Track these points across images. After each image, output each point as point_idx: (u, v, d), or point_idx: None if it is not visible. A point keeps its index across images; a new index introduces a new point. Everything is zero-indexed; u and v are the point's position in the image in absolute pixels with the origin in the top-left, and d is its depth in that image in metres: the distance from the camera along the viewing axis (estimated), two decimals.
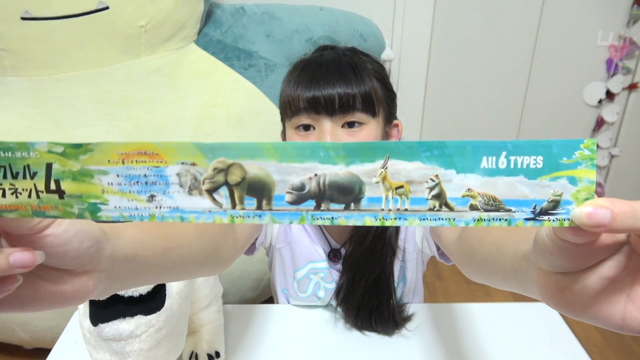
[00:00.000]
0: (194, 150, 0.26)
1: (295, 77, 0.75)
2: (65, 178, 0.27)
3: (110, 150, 0.26)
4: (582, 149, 0.25)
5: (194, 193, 0.27)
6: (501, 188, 0.26)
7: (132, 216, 0.27)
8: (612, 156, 2.21)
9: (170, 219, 0.27)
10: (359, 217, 0.26)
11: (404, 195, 0.26)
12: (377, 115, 0.75)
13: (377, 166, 0.26)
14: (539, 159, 0.25)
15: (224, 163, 0.26)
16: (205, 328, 0.77)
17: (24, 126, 1.30)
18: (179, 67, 1.47)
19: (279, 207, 0.26)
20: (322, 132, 0.72)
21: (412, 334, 0.81)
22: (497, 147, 0.25)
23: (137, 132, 1.34)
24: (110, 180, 0.27)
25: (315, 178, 0.26)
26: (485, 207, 0.26)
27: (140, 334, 0.58)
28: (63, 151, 0.26)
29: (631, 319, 0.28)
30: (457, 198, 0.26)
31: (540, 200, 0.26)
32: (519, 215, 0.26)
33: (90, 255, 0.31)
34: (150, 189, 0.27)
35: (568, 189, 0.26)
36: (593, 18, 2.00)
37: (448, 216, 0.26)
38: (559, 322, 0.84)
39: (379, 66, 0.79)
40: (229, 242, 0.60)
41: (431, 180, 0.26)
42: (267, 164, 0.26)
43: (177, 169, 0.26)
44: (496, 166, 0.25)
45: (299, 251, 0.87)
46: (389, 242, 0.82)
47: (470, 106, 2.17)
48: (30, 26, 1.30)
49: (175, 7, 1.42)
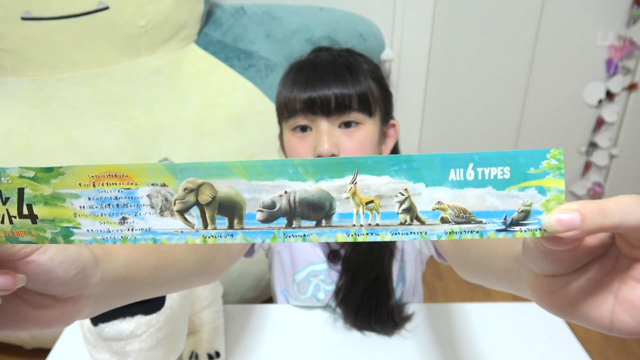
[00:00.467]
0: (163, 171, 0.26)
1: (291, 79, 0.75)
2: (38, 202, 0.27)
3: (81, 173, 0.26)
4: (549, 159, 0.25)
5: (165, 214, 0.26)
6: (471, 200, 0.26)
7: (105, 239, 0.27)
8: (612, 156, 2.21)
9: (142, 241, 0.27)
10: (331, 233, 0.26)
11: (374, 210, 0.26)
12: (374, 115, 0.75)
13: (346, 182, 0.26)
14: (506, 170, 0.25)
15: (194, 183, 0.26)
16: (205, 328, 0.77)
17: (24, 126, 1.30)
18: (179, 67, 1.47)
19: (251, 225, 0.26)
20: (319, 132, 0.73)
21: (411, 334, 0.81)
22: (464, 159, 0.25)
23: (137, 132, 1.34)
24: (82, 204, 0.27)
25: (286, 195, 0.26)
26: (456, 219, 0.26)
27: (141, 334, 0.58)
28: (34, 175, 0.26)
29: (619, 321, 0.28)
30: (427, 211, 0.26)
31: (511, 210, 0.26)
32: (490, 227, 0.26)
33: (76, 283, 0.30)
34: (121, 211, 0.27)
35: (537, 199, 0.26)
36: (593, 18, 2.00)
37: (420, 230, 0.26)
38: (559, 322, 0.84)
39: (375, 66, 0.79)
40: (222, 253, 0.60)
41: (400, 194, 0.26)
42: (237, 182, 0.26)
43: (148, 191, 0.26)
44: (464, 178, 0.26)
45: (298, 253, 0.87)
46: (387, 243, 0.82)
47: (470, 106, 2.17)
48: (30, 26, 1.30)
49: (175, 7, 1.42)
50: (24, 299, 0.30)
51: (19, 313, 0.30)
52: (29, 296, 0.30)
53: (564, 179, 0.25)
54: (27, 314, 0.30)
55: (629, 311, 0.27)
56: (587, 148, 2.21)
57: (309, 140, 0.74)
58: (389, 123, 0.81)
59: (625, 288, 0.28)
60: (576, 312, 0.29)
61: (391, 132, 0.81)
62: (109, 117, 1.34)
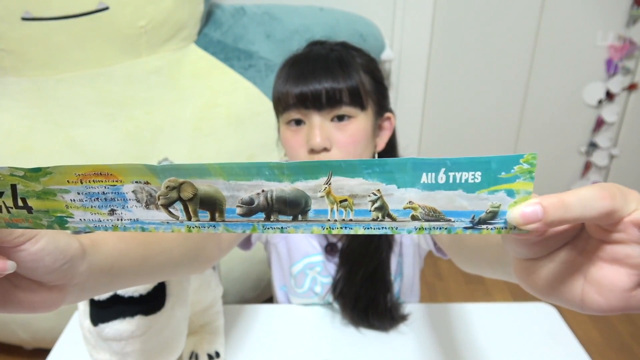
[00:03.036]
0: (145, 171, 0.27)
1: (284, 74, 0.76)
2: (30, 197, 0.28)
3: (67, 172, 0.28)
4: (522, 164, 0.26)
5: (151, 207, 0.28)
6: (440, 201, 0.27)
7: (97, 227, 0.29)
8: (612, 156, 2.21)
9: (132, 229, 0.29)
10: (306, 227, 0.28)
11: (348, 208, 0.27)
12: (366, 109, 0.76)
13: (320, 182, 0.27)
14: (477, 174, 0.26)
15: (175, 182, 0.27)
16: (205, 328, 0.77)
17: (24, 126, 1.30)
18: (179, 68, 1.47)
19: (231, 218, 0.28)
20: (312, 126, 0.74)
21: (410, 334, 0.81)
22: (436, 164, 0.26)
23: (137, 132, 1.34)
24: (72, 197, 0.28)
25: (263, 194, 0.27)
26: (425, 217, 0.27)
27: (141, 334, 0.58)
28: (24, 175, 0.28)
29: (588, 300, 0.29)
30: (398, 210, 0.27)
31: (479, 211, 0.27)
32: (458, 225, 0.27)
33: (63, 272, 0.33)
34: (110, 204, 0.28)
35: (506, 201, 0.26)
36: (593, 18, 2.00)
37: (391, 225, 0.27)
38: (559, 322, 0.84)
39: (369, 59, 0.80)
40: (212, 244, 0.61)
41: (373, 194, 0.27)
42: (216, 182, 0.27)
43: (133, 187, 0.28)
44: (435, 181, 0.26)
45: (294, 245, 0.88)
46: (385, 235, 0.82)
47: (470, 106, 2.17)
48: (30, 26, 1.30)
49: (175, 8, 1.42)
50: (14, 282, 0.32)
51: (8, 295, 0.32)
52: (18, 280, 0.32)
53: (532, 182, 0.26)
54: (15, 297, 0.32)
55: (597, 290, 0.29)
56: (587, 148, 2.21)
57: (302, 134, 0.75)
58: (384, 116, 0.81)
59: (594, 268, 0.29)
60: (552, 292, 0.30)
61: (386, 124, 0.82)
62: (109, 117, 1.34)
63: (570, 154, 2.23)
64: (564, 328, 0.83)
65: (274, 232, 0.28)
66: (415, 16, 1.97)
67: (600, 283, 0.28)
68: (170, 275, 0.55)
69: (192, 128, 1.38)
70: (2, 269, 0.29)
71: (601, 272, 0.29)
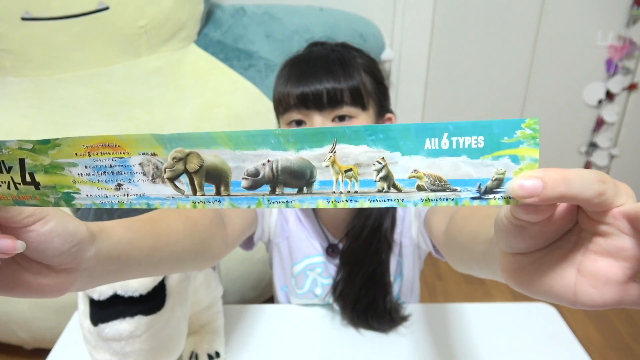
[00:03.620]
0: (152, 141, 0.27)
1: (285, 74, 0.76)
2: (38, 171, 0.29)
3: (76, 144, 0.28)
4: (524, 128, 0.25)
5: (157, 181, 0.28)
6: (445, 168, 0.26)
7: (103, 203, 0.29)
8: (612, 156, 2.21)
9: (137, 205, 0.29)
10: (312, 200, 0.27)
11: (353, 178, 0.27)
12: (367, 109, 0.76)
13: (325, 151, 0.27)
14: (480, 139, 0.26)
15: (182, 152, 0.27)
16: (205, 328, 0.77)
17: (24, 126, 1.30)
18: (179, 68, 1.47)
19: (237, 192, 0.28)
20: (313, 126, 0.74)
21: (410, 334, 0.81)
22: (439, 128, 0.26)
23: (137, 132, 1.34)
24: (79, 172, 0.29)
25: (269, 164, 0.27)
26: (431, 187, 0.27)
27: (141, 334, 0.58)
28: (32, 147, 0.28)
29: (581, 293, 0.29)
30: (404, 179, 0.27)
31: (485, 179, 0.26)
32: (465, 195, 0.27)
33: (72, 255, 0.33)
34: (116, 178, 0.28)
35: (511, 167, 0.26)
36: (593, 18, 2.00)
37: (397, 197, 0.27)
38: (559, 322, 0.84)
39: (370, 60, 0.80)
40: (218, 239, 0.61)
41: (378, 162, 0.27)
42: (222, 152, 0.27)
43: (140, 159, 0.28)
44: (439, 147, 0.26)
45: (296, 246, 0.88)
46: (384, 237, 0.82)
47: (470, 106, 2.17)
48: (30, 26, 1.30)
49: (175, 8, 1.42)
50: (22, 265, 0.32)
51: (16, 277, 0.32)
52: (27, 263, 0.32)
53: (538, 148, 0.25)
54: (24, 280, 0.32)
55: (591, 283, 0.28)
56: (587, 148, 2.21)
57: None
58: (385, 117, 0.81)
59: (587, 261, 0.28)
60: (542, 287, 0.30)
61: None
62: (109, 117, 1.34)
63: (570, 154, 2.23)
64: (564, 328, 0.83)
65: (279, 206, 0.28)
66: (415, 16, 1.97)
67: (594, 275, 0.28)
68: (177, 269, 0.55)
69: (192, 128, 1.38)
70: (11, 249, 0.29)
71: (595, 264, 0.28)
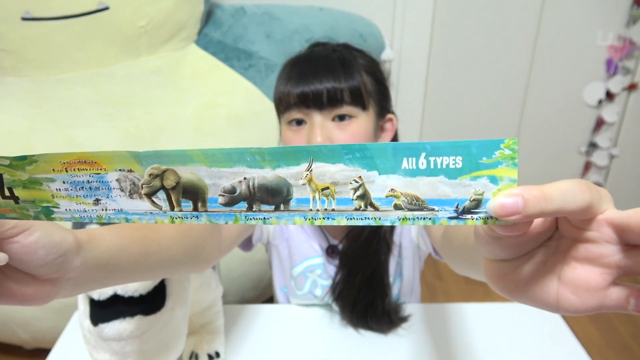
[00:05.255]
0: (129, 158, 0.27)
1: (286, 74, 0.77)
2: (17, 186, 0.29)
3: (53, 160, 0.28)
4: (503, 149, 0.25)
5: (134, 197, 0.28)
6: (423, 188, 0.26)
7: (82, 217, 0.29)
8: (612, 156, 2.21)
9: (116, 220, 0.29)
10: (289, 217, 0.27)
11: (330, 196, 0.27)
12: (368, 109, 0.76)
13: (302, 169, 0.26)
14: (458, 159, 0.25)
15: (158, 169, 0.27)
16: (205, 328, 0.77)
17: (24, 126, 1.30)
18: (179, 68, 1.47)
19: (214, 208, 0.28)
20: (313, 126, 0.74)
21: (409, 334, 0.81)
22: (417, 148, 0.26)
23: (137, 132, 1.34)
24: (57, 187, 0.29)
25: (245, 181, 0.27)
26: (409, 206, 0.26)
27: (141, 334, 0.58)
28: (9, 163, 0.28)
29: (563, 300, 0.29)
30: (381, 198, 0.26)
31: (463, 199, 0.26)
32: (442, 214, 0.26)
33: (56, 266, 0.33)
34: (94, 193, 0.29)
35: (489, 188, 0.26)
36: (593, 18, 2.00)
37: (374, 215, 0.27)
38: (559, 322, 0.84)
39: (371, 61, 0.80)
40: (212, 243, 0.61)
41: (355, 181, 0.26)
42: (198, 169, 0.27)
43: (116, 176, 0.28)
44: (417, 167, 0.26)
45: (295, 247, 0.88)
46: (384, 238, 0.82)
47: (470, 106, 2.17)
48: (30, 26, 1.30)
49: (175, 8, 1.42)
50: (6, 273, 0.32)
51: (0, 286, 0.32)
52: (11, 272, 0.32)
53: (517, 169, 0.25)
54: (7, 288, 0.32)
55: (572, 290, 0.28)
56: (587, 148, 2.21)
57: (303, 134, 0.75)
58: (386, 117, 0.81)
59: (568, 269, 0.29)
60: (525, 293, 0.30)
61: (388, 126, 0.82)
62: (109, 117, 1.34)
63: (570, 154, 2.23)
64: (564, 328, 0.83)
65: (257, 222, 0.28)
66: (415, 16, 1.97)
67: (574, 283, 0.28)
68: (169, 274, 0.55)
69: (192, 128, 1.38)
70: None
71: (575, 272, 0.28)
